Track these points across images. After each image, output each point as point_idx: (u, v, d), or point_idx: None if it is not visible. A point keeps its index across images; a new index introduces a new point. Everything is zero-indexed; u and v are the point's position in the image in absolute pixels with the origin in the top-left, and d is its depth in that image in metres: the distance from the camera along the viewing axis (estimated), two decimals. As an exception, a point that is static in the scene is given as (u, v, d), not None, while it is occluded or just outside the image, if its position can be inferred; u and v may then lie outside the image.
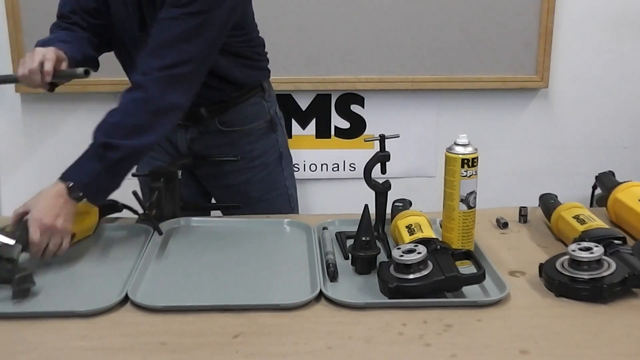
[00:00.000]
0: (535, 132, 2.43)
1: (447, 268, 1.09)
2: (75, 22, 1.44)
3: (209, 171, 1.57)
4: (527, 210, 1.44)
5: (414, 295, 1.06)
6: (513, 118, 2.41)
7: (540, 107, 2.40)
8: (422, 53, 2.27)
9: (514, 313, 1.05)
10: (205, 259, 1.26)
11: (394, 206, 1.36)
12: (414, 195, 1.44)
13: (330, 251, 1.23)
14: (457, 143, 1.18)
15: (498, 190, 2.32)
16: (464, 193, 1.18)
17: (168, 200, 1.39)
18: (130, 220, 1.41)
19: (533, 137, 2.43)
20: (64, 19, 1.45)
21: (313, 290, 1.09)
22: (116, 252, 1.29)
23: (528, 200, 1.50)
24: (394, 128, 2.28)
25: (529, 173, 2.45)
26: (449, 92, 2.34)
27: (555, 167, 2.45)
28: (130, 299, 1.07)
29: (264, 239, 1.35)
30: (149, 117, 1.22)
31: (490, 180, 2.20)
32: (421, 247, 1.11)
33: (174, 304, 1.06)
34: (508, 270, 1.19)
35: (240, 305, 1.06)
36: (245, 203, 1.55)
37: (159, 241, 1.31)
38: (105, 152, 1.20)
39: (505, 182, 2.42)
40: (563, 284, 1.09)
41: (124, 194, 1.30)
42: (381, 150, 1.32)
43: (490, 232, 1.38)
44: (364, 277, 1.17)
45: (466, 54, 2.28)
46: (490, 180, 2.24)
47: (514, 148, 2.44)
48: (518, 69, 2.30)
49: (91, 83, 2.20)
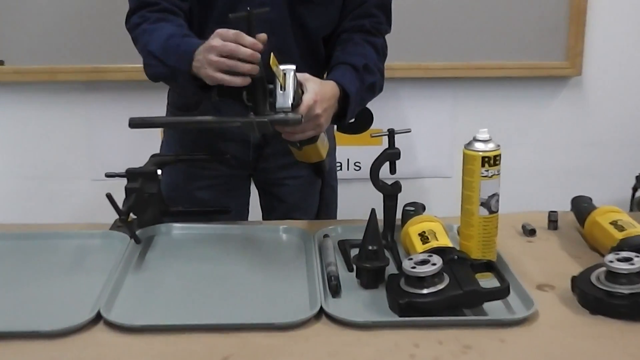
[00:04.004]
0: (566, 126, 2.43)
1: (466, 281, 1.08)
2: (166, 9, 1.41)
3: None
4: (557, 215, 1.44)
5: (428, 312, 1.06)
6: (540, 110, 2.41)
7: (572, 98, 2.40)
8: (435, 36, 2.27)
9: (542, 333, 1.04)
10: (190, 271, 1.26)
11: (405, 211, 1.36)
12: (427, 199, 1.44)
13: (332, 262, 1.23)
14: (476, 139, 1.18)
15: (524, 193, 2.32)
16: (484, 196, 1.18)
17: (147, 203, 1.39)
18: (103, 226, 1.41)
19: (564, 131, 2.43)
20: (151, 7, 1.40)
21: (312, 306, 1.09)
22: (87, 263, 1.29)
23: (558, 204, 1.50)
24: (404, 122, 2.28)
25: (559, 173, 2.45)
26: (467, 80, 2.34)
27: (590, 166, 2.45)
28: (103, 317, 1.06)
29: (257, 248, 1.35)
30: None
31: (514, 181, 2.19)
32: (436, 258, 1.10)
33: (154, 322, 1.06)
34: (535, 283, 1.19)
35: (230, 325, 1.05)
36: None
37: (137, 250, 1.31)
38: (364, 73, 1.42)
39: (532, 183, 2.42)
40: (599, 299, 1.08)
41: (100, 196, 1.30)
42: (390, 147, 1.32)
43: (515, 240, 1.38)
44: (370, 292, 1.17)
45: (486, 37, 2.28)
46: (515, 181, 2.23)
47: (541, 144, 2.44)
48: (546, 55, 2.30)
49: (61, 71, 2.22)
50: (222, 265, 1.28)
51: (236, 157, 1.57)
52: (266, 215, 1.71)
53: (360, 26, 1.50)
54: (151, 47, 1.35)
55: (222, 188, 1.62)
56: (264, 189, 1.70)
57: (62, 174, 2.38)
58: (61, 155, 2.36)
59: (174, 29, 1.37)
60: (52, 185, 2.38)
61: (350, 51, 1.46)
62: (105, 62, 2.20)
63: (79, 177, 2.37)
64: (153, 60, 1.35)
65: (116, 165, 1.50)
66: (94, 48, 2.20)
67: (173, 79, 1.34)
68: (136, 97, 2.22)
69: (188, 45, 1.28)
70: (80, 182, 2.37)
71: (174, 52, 1.31)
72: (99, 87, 2.28)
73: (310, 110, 1.24)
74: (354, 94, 1.38)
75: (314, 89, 1.26)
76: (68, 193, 2.38)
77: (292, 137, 1.30)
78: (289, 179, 1.64)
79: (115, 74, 2.21)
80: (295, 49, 1.48)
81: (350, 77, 1.40)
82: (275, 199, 1.68)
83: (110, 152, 2.32)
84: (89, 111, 2.32)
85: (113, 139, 2.32)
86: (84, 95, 2.30)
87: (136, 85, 2.15)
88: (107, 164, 2.15)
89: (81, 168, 2.36)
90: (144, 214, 1.40)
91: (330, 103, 1.32)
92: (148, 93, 2.05)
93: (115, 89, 2.27)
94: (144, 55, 1.38)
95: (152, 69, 1.37)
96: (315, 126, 1.29)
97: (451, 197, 1.34)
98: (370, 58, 1.47)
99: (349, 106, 1.38)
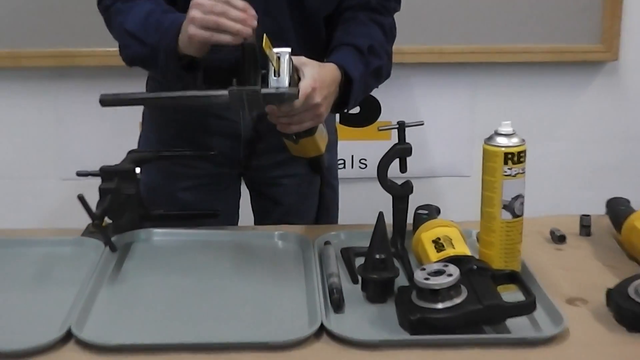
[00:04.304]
0: (601, 117, 2.43)
1: (486, 295, 1.09)
2: None
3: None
4: (590, 220, 1.44)
5: (443, 330, 1.06)
6: (571, 100, 2.42)
7: (607, 86, 2.40)
8: (452, 16, 2.27)
9: (573, 353, 1.05)
10: (172, 283, 1.26)
11: (417, 214, 1.36)
12: (442, 201, 1.45)
13: (334, 273, 1.23)
14: (498, 132, 1.18)
15: (552, 194, 2.33)
16: (507, 197, 1.18)
17: (124, 206, 1.40)
18: (74, 232, 1.41)
19: (598, 124, 2.44)
20: None
21: (312, 323, 1.09)
22: (56, 274, 1.29)
23: (591, 207, 1.50)
24: (416, 113, 2.28)
25: (592, 171, 2.45)
26: (488, 66, 2.35)
27: (628, 164, 2.46)
28: (74, 335, 1.06)
29: (249, 256, 1.36)
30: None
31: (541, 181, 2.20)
32: (452, 268, 1.11)
33: (132, 341, 1.06)
34: (565, 297, 1.19)
35: (218, 344, 1.05)
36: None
37: (113, 260, 1.31)
38: (369, 56, 1.42)
39: (561, 183, 2.43)
40: (637, 315, 1.08)
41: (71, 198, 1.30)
42: (400, 142, 1.32)
43: (542, 248, 1.38)
44: (377, 307, 1.17)
45: (509, 16, 2.28)
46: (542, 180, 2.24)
47: (572, 139, 2.44)
48: (577, 37, 2.31)
49: (25, 55, 2.22)
50: (209, 277, 1.28)
51: (225, 154, 1.57)
52: (259, 219, 1.71)
53: (366, 3, 1.50)
54: (128, 25, 1.36)
55: (209, 189, 1.62)
56: (257, 189, 1.70)
57: (27, 172, 2.38)
58: (26, 151, 2.37)
59: (152, 5, 1.38)
60: (15, 186, 2.38)
61: (354, 31, 1.47)
62: (75, 45, 2.21)
63: (47, 176, 2.37)
64: (130, 40, 1.36)
65: (89, 163, 1.50)
66: (62, 29, 2.20)
67: (153, 60, 1.34)
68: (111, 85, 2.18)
69: (172, 19, 1.29)
70: (47, 182, 2.37)
71: (154, 30, 1.31)
72: (68, 73, 2.29)
73: (308, 99, 1.25)
74: (358, 79, 1.39)
75: (312, 74, 1.26)
76: (34, 194, 2.39)
77: (288, 128, 1.30)
78: (284, 178, 1.64)
79: (87, 58, 2.22)
80: (292, 31, 1.48)
81: (354, 59, 1.41)
82: (269, 201, 1.68)
83: (82, 148, 2.33)
84: (57, 101, 2.33)
85: (85, 133, 2.33)
86: (51, 83, 2.31)
87: (111, 72, 2.14)
88: (78, 161, 2.13)
89: (49, 166, 2.37)
90: (121, 218, 1.40)
91: (331, 89, 1.32)
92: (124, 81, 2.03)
93: (87, 75, 2.27)
94: (120, 36, 1.39)
95: (130, 50, 1.38)
96: (314, 116, 1.29)
97: (469, 199, 1.35)
98: (376, 39, 1.47)
99: (351, 92, 1.38)
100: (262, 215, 1.71)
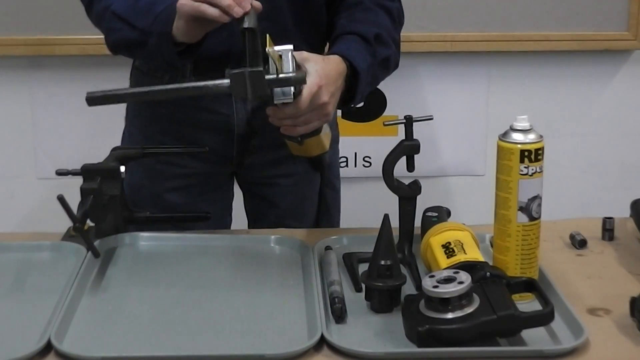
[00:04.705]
0: (627, 111, 2.43)
1: (501, 304, 1.09)
2: None
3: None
4: (614, 223, 1.44)
5: (454, 342, 1.07)
6: (595, 92, 2.42)
7: (635, 76, 2.41)
8: (465, 0, 2.28)
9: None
10: (159, 292, 1.26)
11: (426, 217, 1.36)
12: (453, 202, 1.45)
13: (335, 280, 1.24)
14: (514, 128, 1.18)
15: (573, 195, 2.33)
16: (524, 198, 1.19)
17: (108, 207, 1.40)
18: (54, 236, 1.41)
19: (624, 118, 2.44)
20: None
21: (312, 335, 1.09)
22: (34, 282, 1.29)
23: (616, 209, 1.51)
24: (425, 107, 2.28)
25: (616, 170, 2.46)
26: (504, 55, 2.35)
27: (655, 162, 2.46)
28: (54, 346, 1.07)
29: (243, 262, 1.36)
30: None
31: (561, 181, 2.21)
32: (463, 275, 1.11)
33: (116, 354, 1.07)
34: (586, 307, 1.20)
35: (211, 356, 1.06)
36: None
37: (95, 266, 1.32)
38: (376, 45, 1.43)
39: (582, 183, 2.43)
40: (664, 326, 1.09)
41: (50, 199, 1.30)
42: (408, 138, 1.32)
43: (561, 254, 1.39)
44: (383, 317, 1.17)
45: (527, 1, 2.29)
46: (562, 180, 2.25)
47: (595, 135, 2.45)
48: (602, 23, 2.31)
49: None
50: (200, 285, 1.28)
51: (216, 151, 1.58)
52: (254, 222, 1.72)
53: None
54: (116, 8, 1.36)
55: (199, 189, 1.62)
56: (251, 190, 1.71)
57: (1, 171, 2.38)
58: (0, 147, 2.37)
59: None
60: (-12, 186, 2.39)
61: (359, 18, 1.47)
62: (53, 32, 2.21)
63: (22, 175, 2.38)
64: (118, 23, 1.36)
65: (69, 161, 1.51)
66: (40, 15, 2.21)
67: (142, 45, 1.35)
68: (92, 76, 2.22)
69: (166, 2, 1.29)
70: (23, 181, 2.37)
71: (144, 13, 1.32)
72: (46, 63, 2.29)
73: (314, 98, 1.25)
74: (365, 71, 1.39)
75: (316, 70, 1.26)
76: (9, 195, 2.39)
77: (294, 130, 1.30)
78: (280, 178, 1.65)
79: (66, 47, 2.22)
80: (290, 17, 1.48)
81: (360, 50, 1.41)
82: (264, 203, 1.68)
83: (61, 144, 2.33)
84: (33, 93, 2.33)
85: (63, 127, 2.33)
86: (27, 73, 2.31)
87: (91, 61, 2.16)
88: (57, 158, 2.15)
89: (25, 164, 2.37)
90: (104, 221, 1.40)
91: (337, 85, 1.33)
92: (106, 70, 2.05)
93: (65, 65, 2.27)
94: (106, 20, 1.39)
95: (117, 34, 1.38)
96: (322, 116, 1.30)
97: (483, 200, 1.35)
98: (383, 26, 1.47)
99: (358, 86, 1.39)
100: (257, 218, 1.71)
